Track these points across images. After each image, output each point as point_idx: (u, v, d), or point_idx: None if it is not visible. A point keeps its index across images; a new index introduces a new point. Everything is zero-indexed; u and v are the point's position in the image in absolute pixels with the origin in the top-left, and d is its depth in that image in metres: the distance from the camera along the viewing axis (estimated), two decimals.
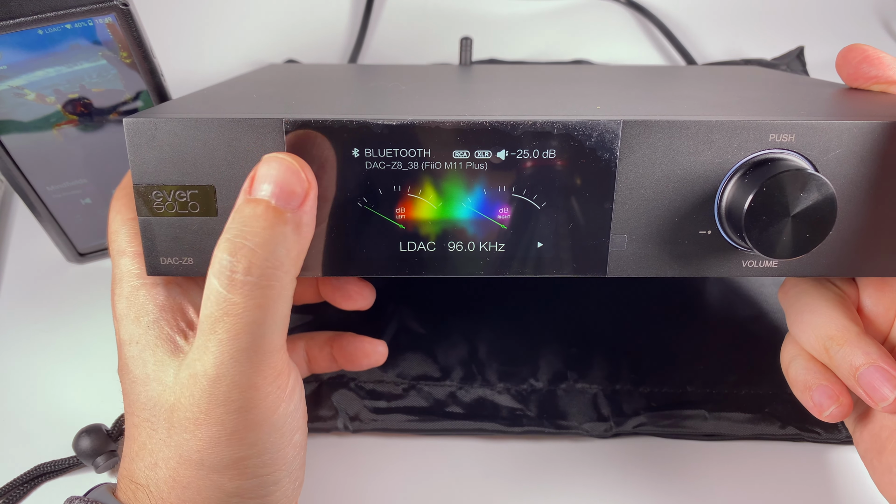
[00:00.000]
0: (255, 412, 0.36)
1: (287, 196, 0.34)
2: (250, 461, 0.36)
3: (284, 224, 0.34)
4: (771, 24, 0.92)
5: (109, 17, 0.51)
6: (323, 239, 0.38)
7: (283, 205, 0.34)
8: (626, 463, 0.51)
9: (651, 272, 0.39)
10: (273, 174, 0.34)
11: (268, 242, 0.34)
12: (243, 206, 0.34)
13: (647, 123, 0.36)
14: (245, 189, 0.35)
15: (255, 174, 0.35)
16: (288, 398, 0.38)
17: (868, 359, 0.41)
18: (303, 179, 0.35)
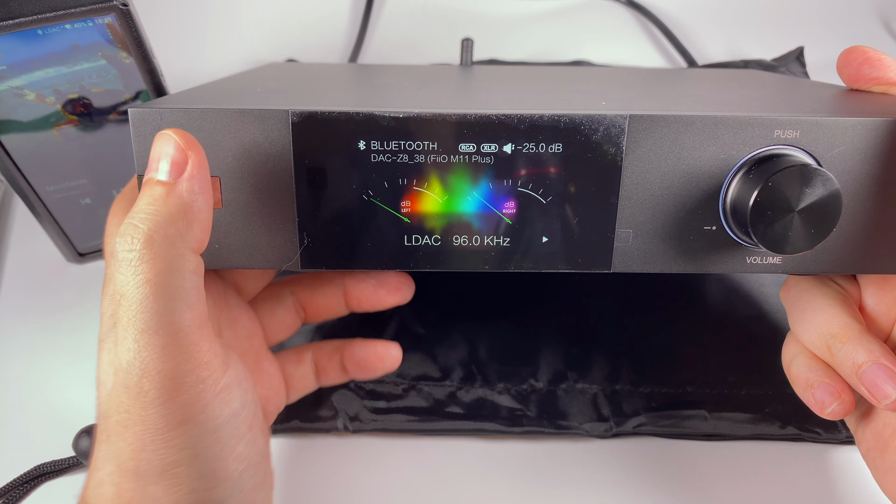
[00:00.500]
0: (174, 405, 0.33)
1: (167, 168, 0.34)
2: (181, 469, 0.34)
3: (166, 196, 0.34)
4: (771, 25, 0.93)
5: (109, 17, 0.51)
6: (328, 233, 0.38)
7: (162, 176, 0.34)
8: (627, 463, 0.51)
9: (656, 268, 0.39)
10: (151, 151, 0.35)
11: (149, 216, 0.33)
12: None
13: (653, 118, 0.36)
14: None
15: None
16: (221, 397, 0.36)
17: (871, 356, 0.41)
18: (181, 149, 0.34)
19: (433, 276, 0.63)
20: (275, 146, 0.36)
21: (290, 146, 0.36)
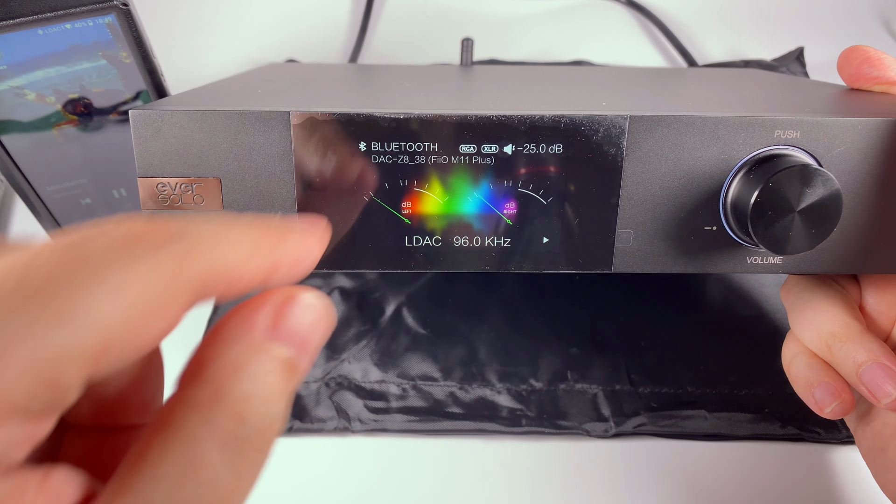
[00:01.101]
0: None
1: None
2: None
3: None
4: (771, 25, 0.93)
5: (109, 17, 0.51)
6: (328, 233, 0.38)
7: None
8: (627, 463, 0.51)
9: (656, 268, 0.39)
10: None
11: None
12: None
13: (653, 119, 0.36)
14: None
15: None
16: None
17: (871, 356, 0.41)
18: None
19: (434, 276, 0.63)
20: (275, 147, 0.36)
21: (290, 147, 0.36)
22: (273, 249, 0.23)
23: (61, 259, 0.19)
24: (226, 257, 0.21)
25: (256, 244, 0.22)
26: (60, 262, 0.19)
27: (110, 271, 0.19)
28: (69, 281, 0.18)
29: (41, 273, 0.18)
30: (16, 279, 0.18)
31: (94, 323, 0.18)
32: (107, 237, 0.20)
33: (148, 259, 0.19)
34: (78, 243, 0.19)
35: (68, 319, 0.18)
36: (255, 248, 0.22)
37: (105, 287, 0.18)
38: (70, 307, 0.18)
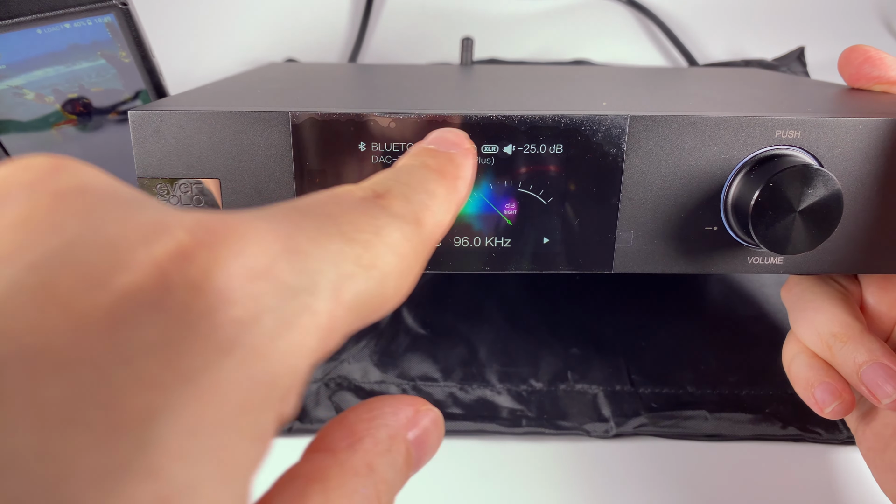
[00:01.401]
0: None
1: None
2: None
3: None
4: (772, 24, 0.93)
5: (108, 17, 0.51)
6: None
7: None
8: (627, 464, 0.51)
9: (657, 268, 0.39)
10: None
11: None
12: None
13: (654, 119, 0.36)
14: None
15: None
16: None
17: (871, 356, 0.41)
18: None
19: (433, 275, 0.63)
20: (275, 148, 0.36)
21: (290, 148, 0.36)
22: (459, 195, 0.27)
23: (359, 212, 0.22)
24: (443, 220, 0.25)
25: (452, 195, 0.27)
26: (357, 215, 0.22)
27: (391, 237, 0.22)
28: (371, 237, 0.21)
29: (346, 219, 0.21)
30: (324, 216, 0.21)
31: (387, 274, 0.21)
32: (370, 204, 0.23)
33: (404, 229, 0.23)
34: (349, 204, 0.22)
35: (374, 266, 0.21)
36: (453, 200, 0.27)
37: (385, 243, 0.22)
38: (373, 257, 0.21)
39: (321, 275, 0.19)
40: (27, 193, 0.18)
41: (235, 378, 0.16)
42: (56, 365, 0.14)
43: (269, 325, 0.17)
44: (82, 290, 0.15)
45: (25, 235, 0.17)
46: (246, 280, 0.17)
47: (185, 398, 0.15)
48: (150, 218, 0.17)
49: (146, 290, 0.16)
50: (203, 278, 0.16)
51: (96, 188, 0.18)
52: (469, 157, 0.29)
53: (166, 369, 0.15)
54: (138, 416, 0.15)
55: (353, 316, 0.20)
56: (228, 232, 0.18)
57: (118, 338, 0.15)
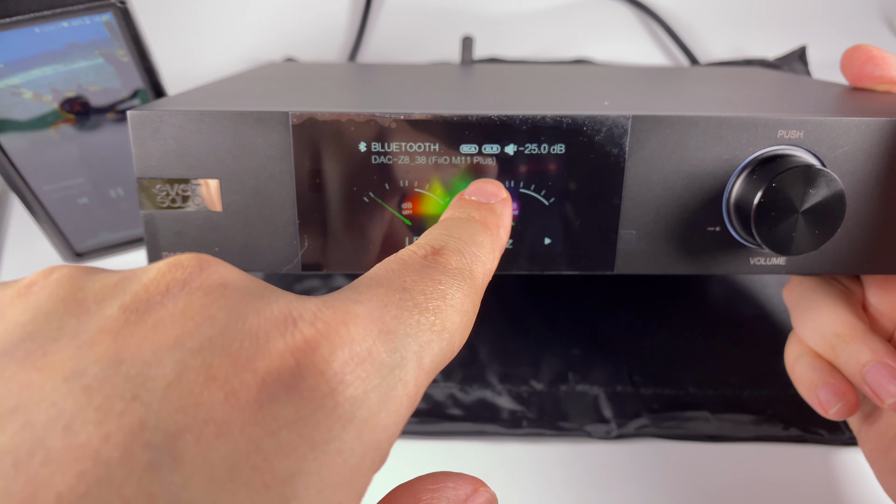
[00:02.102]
0: None
1: None
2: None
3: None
4: (774, 24, 0.93)
5: (107, 16, 0.51)
6: (328, 235, 0.38)
7: None
8: (629, 465, 0.51)
9: (659, 269, 0.39)
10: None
11: None
12: None
13: (656, 119, 0.36)
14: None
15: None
16: None
17: (875, 356, 0.41)
18: None
19: None
20: (275, 148, 0.36)
21: (290, 148, 0.36)
22: (502, 242, 0.33)
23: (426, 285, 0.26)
24: (491, 267, 0.30)
25: (496, 244, 0.32)
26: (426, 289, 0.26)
27: (453, 298, 0.26)
28: (440, 303, 0.26)
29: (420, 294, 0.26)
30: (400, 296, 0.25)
31: (454, 332, 0.26)
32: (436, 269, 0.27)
33: (463, 287, 0.27)
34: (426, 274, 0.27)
35: (444, 329, 0.25)
36: (497, 248, 0.32)
37: (451, 305, 0.26)
38: (443, 320, 0.26)
39: (407, 349, 0.23)
40: (182, 289, 0.22)
41: (352, 447, 0.20)
42: (219, 433, 0.18)
43: (375, 400, 0.21)
44: (235, 373, 0.19)
45: (186, 325, 0.20)
46: (356, 364, 0.21)
47: (315, 464, 0.19)
48: (281, 310, 0.22)
49: (284, 374, 0.20)
50: (325, 365, 0.20)
51: (234, 282, 0.23)
52: (507, 206, 0.34)
53: (302, 440, 0.19)
54: (282, 477, 0.18)
55: (431, 375, 0.25)
56: (338, 323, 0.22)
57: (264, 413, 0.19)
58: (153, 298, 0.21)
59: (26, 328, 0.21)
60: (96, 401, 0.18)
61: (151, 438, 0.17)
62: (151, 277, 0.22)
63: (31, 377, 0.19)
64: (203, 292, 0.22)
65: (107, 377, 0.19)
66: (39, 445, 0.17)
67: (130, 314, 0.21)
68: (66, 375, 0.19)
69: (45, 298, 0.22)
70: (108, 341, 0.20)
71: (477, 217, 0.32)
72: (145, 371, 0.19)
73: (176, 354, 0.19)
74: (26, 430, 0.17)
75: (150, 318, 0.21)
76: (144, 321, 0.21)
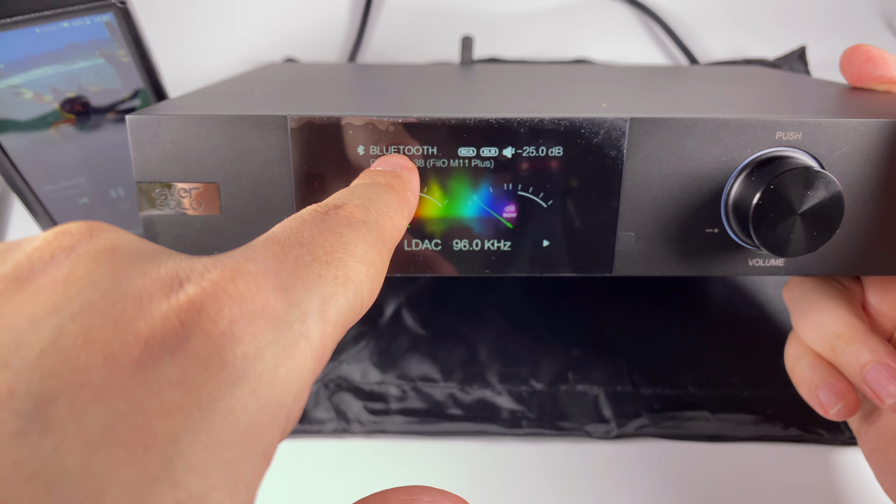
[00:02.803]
0: None
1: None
2: None
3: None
4: (773, 24, 0.92)
5: (107, 16, 0.51)
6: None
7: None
8: (628, 465, 0.51)
9: (657, 271, 0.39)
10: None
11: None
12: None
13: (654, 121, 0.36)
14: None
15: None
16: None
17: (875, 356, 0.41)
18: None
19: (433, 277, 0.63)
20: (273, 152, 0.36)
21: (288, 151, 0.36)
22: (410, 204, 0.33)
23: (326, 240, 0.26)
24: (399, 223, 0.31)
25: (404, 204, 0.32)
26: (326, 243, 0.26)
27: (357, 249, 0.26)
28: (342, 255, 0.26)
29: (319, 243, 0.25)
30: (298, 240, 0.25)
31: (360, 284, 0.26)
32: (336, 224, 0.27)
33: (368, 238, 0.27)
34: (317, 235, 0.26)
35: (349, 280, 0.25)
36: (405, 208, 0.32)
37: (354, 256, 0.26)
38: (347, 271, 0.25)
39: (308, 303, 0.23)
40: (68, 255, 0.22)
41: (245, 403, 0.20)
42: (95, 397, 0.18)
43: (271, 357, 0.21)
44: (115, 336, 0.19)
45: (68, 290, 0.20)
46: (247, 321, 0.21)
47: (202, 422, 0.19)
48: (168, 271, 0.21)
49: (168, 335, 0.19)
50: (211, 325, 0.20)
51: (124, 246, 0.22)
52: (413, 173, 0.35)
53: (187, 399, 0.19)
54: (164, 437, 0.18)
55: (339, 329, 0.24)
56: (227, 281, 0.21)
57: (146, 375, 0.19)
58: (36, 266, 0.21)
59: None
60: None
61: (20, 405, 0.17)
62: (36, 246, 0.22)
63: None
64: (90, 258, 0.21)
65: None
66: None
67: (10, 283, 0.21)
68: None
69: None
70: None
71: (382, 181, 0.32)
72: (18, 338, 0.19)
73: (53, 319, 0.19)
74: None
75: (30, 286, 0.21)
76: (24, 289, 0.20)
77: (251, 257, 0.23)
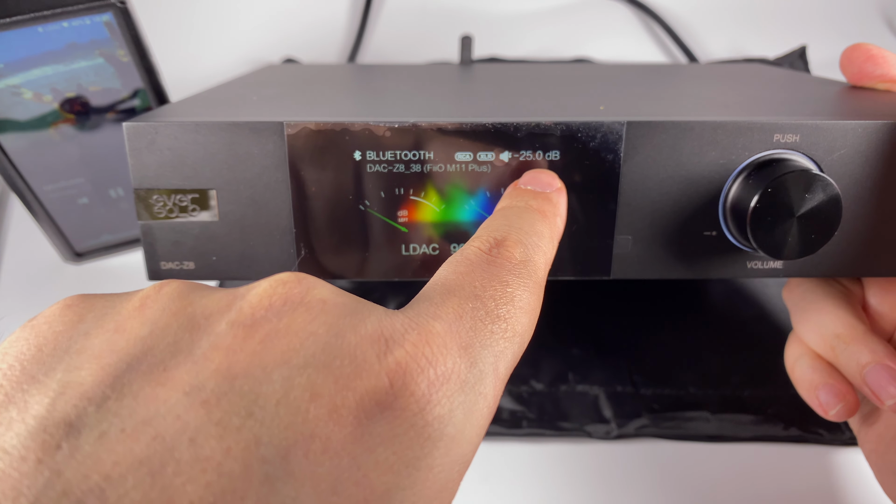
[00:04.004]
0: None
1: None
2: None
3: None
4: (774, 23, 0.92)
5: (107, 16, 0.51)
6: (325, 243, 0.38)
7: None
8: (629, 465, 0.51)
9: (655, 274, 0.39)
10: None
11: None
12: None
13: (651, 124, 0.36)
14: None
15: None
16: None
17: (875, 357, 0.41)
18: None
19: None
20: (270, 157, 0.36)
21: (285, 157, 0.36)
22: (559, 231, 0.34)
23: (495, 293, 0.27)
24: (550, 256, 0.31)
25: (555, 234, 0.33)
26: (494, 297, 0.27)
27: (521, 299, 0.27)
28: (510, 307, 0.27)
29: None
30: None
31: (524, 335, 0.27)
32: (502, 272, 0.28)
33: (528, 284, 0.28)
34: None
35: (516, 334, 0.27)
36: (556, 238, 0.33)
37: (519, 307, 0.27)
38: (514, 325, 0.27)
39: (484, 361, 0.24)
40: (285, 305, 0.23)
41: (441, 462, 0.22)
42: (324, 449, 0.20)
43: (460, 417, 0.23)
44: (337, 391, 0.21)
45: (291, 341, 0.22)
46: (441, 384, 0.23)
47: (409, 480, 0.21)
48: (374, 329, 0.23)
49: (379, 393, 0.21)
50: (415, 386, 0.22)
51: (331, 299, 0.24)
52: (562, 195, 0.35)
53: (397, 457, 0.21)
54: (379, 492, 0.20)
55: (506, 381, 0.26)
56: (423, 343, 0.23)
57: (362, 431, 0.20)
58: (258, 314, 0.23)
59: (146, 342, 0.22)
60: (216, 416, 0.19)
61: (266, 453, 0.19)
62: (255, 294, 0.23)
63: (157, 391, 0.20)
64: (305, 308, 0.23)
65: (223, 392, 0.20)
66: (170, 456, 0.18)
67: (238, 330, 0.22)
68: (187, 390, 0.20)
69: (160, 313, 0.23)
70: (220, 357, 0.21)
71: (534, 206, 0.33)
72: (257, 388, 0.20)
73: (283, 371, 0.21)
74: (157, 441, 0.19)
75: (256, 333, 0.22)
76: (252, 337, 0.22)
77: (436, 315, 0.25)
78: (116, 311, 0.24)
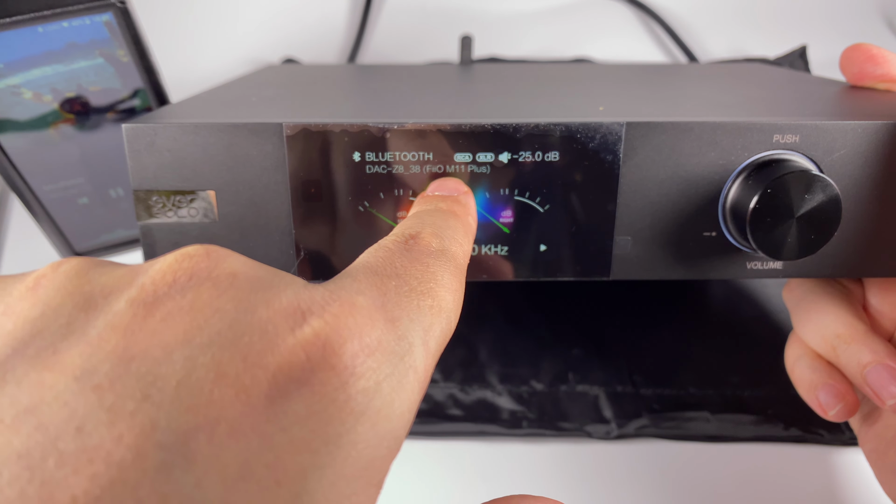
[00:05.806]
0: None
1: None
2: None
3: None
4: (774, 23, 0.92)
5: (107, 16, 0.51)
6: (324, 244, 0.38)
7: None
8: (629, 465, 0.51)
9: (655, 274, 0.39)
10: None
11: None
12: None
13: (650, 125, 0.36)
14: None
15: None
16: None
17: (875, 357, 0.41)
18: None
19: None
20: (269, 159, 0.36)
21: (284, 159, 0.36)
22: (472, 228, 0.34)
23: (418, 273, 0.27)
24: (467, 249, 0.31)
25: (469, 230, 0.33)
26: (418, 275, 0.27)
27: (443, 279, 0.27)
28: (433, 285, 0.26)
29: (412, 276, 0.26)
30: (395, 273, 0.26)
31: (450, 312, 0.27)
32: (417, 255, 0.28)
33: (448, 267, 0.28)
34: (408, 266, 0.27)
35: (441, 309, 0.26)
36: (470, 233, 0.33)
37: (442, 285, 0.27)
38: (439, 301, 0.26)
39: (413, 334, 0.24)
40: (190, 280, 0.22)
41: (366, 438, 0.21)
42: (230, 432, 0.18)
43: (388, 390, 0.22)
44: (245, 370, 0.19)
45: (195, 319, 0.20)
46: (366, 356, 0.21)
47: (328, 458, 0.19)
48: (290, 302, 0.22)
49: (294, 369, 0.20)
50: (336, 359, 0.21)
51: (243, 272, 0.23)
52: (470, 197, 0.35)
53: (314, 435, 0.19)
54: (294, 473, 0.19)
55: (437, 357, 0.25)
56: (346, 314, 0.22)
57: (275, 409, 0.19)
58: (160, 290, 0.21)
59: (36, 325, 0.21)
60: (108, 401, 0.18)
61: (163, 439, 0.18)
62: (158, 269, 0.22)
63: (43, 376, 0.19)
64: (211, 283, 0.22)
65: (117, 375, 0.19)
66: (52, 447, 0.17)
67: (138, 308, 0.21)
68: (77, 374, 0.19)
69: (54, 292, 0.22)
70: (117, 337, 0.20)
71: (444, 207, 0.33)
72: (155, 369, 0.19)
73: (185, 350, 0.19)
74: (39, 431, 0.17)
75: (158, 311, 0.21)
76: (153, 315, 0.20)
77: (360, 290, 0.24)
78: (7, 293, 0.22)
